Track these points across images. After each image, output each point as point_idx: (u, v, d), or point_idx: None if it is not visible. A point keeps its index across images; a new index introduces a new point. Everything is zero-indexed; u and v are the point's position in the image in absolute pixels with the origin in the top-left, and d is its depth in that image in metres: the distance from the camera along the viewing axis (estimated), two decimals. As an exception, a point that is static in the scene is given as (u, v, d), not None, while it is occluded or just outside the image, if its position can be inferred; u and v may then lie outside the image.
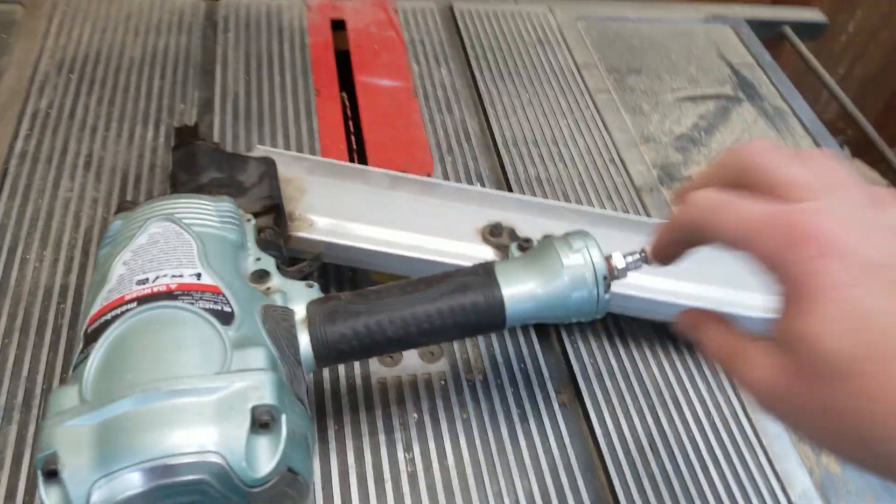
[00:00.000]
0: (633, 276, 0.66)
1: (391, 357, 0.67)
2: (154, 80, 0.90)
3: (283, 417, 0.44)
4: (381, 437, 0.62)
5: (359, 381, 0.65)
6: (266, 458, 0.42)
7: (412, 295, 0.55)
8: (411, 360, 0.67)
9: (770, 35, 1.12)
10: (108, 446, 0.40)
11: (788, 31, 1.13)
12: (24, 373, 0.61)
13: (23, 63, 0.89)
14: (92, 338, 0.47)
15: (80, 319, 0.51)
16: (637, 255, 0.58)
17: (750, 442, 0.66)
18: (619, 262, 0.57)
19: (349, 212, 0.67)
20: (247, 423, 0.42)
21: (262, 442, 0.43)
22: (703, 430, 0.66)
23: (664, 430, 0.65)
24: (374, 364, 0.67)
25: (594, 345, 0.71)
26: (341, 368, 0.66)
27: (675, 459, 0.64)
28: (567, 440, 0.64)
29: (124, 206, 0.59)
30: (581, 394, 0.67)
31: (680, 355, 0.71)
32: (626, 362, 0.70)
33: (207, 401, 0.42)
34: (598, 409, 0.66)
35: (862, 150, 1.19)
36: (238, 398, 0.43)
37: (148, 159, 0.80)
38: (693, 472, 0.63)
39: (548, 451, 0.63)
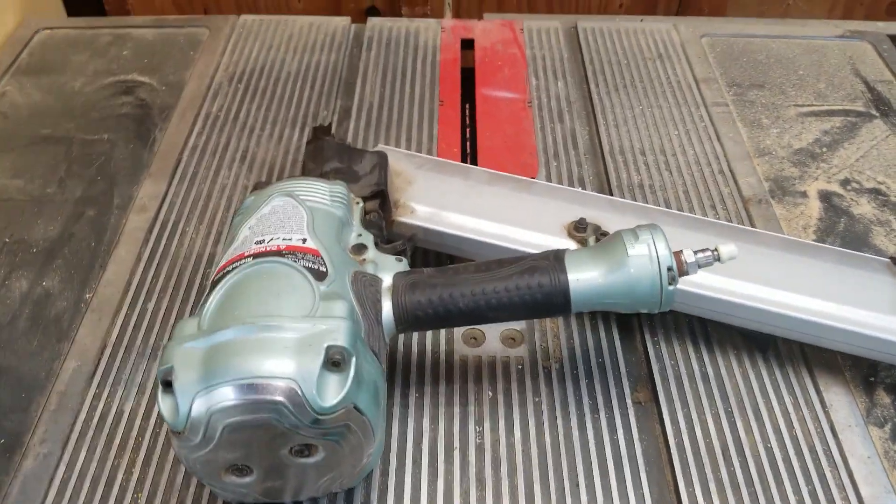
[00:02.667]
0: (722, 279, 0.67)
1: (474, 339, 0.73)
2: (305, 90, 1.03)
3: (353, 360, 0.51)
4: (456, 409, 0.67)
5: (443, 356, 0.71)
6: (334, 391, 0.50)
7: (485, 273, 0.60)
8: (493, 343, 0.72)
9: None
10: (210, 366, 0.49)
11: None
12: (171, 320, 0.74)
13: (202, 75, 1.06)
14: (215, 284, 0.57)
15: (212, 271, 0.61)
16: (709, 252, 0.59)
17: (834, 461, 0.63)
18: (688, 256, 0.59)
19: (448, 203, 0.74)
20: (320, 359, 0.49)
21: (333, 378, 0.50)
22: (783, 443, 0.64)
23: (740, 439, 0.65)
24: (459, 343, 0.72)
25: (678, 348, 0.71)
26: (428, 344, 0.72)
27: (748, 469, 0.63)
28: (636, 436, 0.65)
29: (259, 186, 0.70)
30: (657, 394, 0.68)
31: (767, 365, 0.70)
32: (708, 367, 0.70)
33: (291, 337, 0.50)
34: (673, 410, 0.67)
35: None
36: (317, 337, 0.50)
37: (292, 155, 0.92)
38: (765, 483, 0.62)
39: (615, 443, 0.65)
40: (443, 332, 0.73)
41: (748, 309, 0.67)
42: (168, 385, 0.50)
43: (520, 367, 0.70)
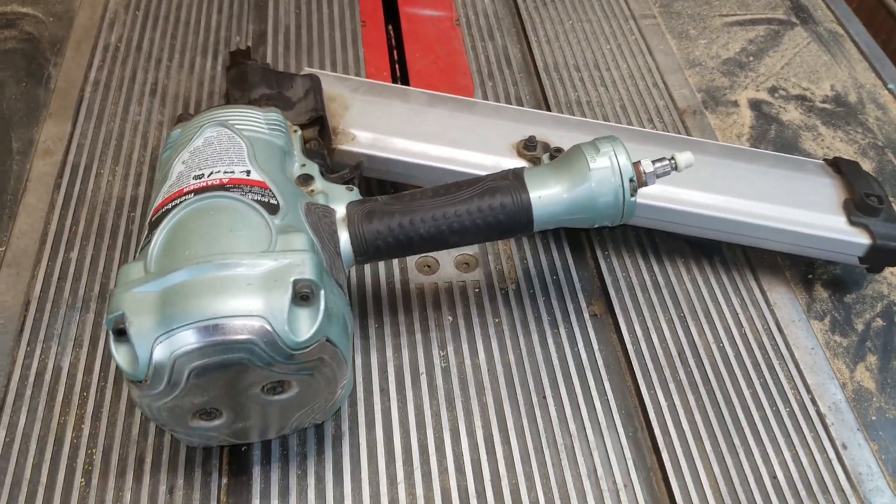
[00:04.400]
0: (668, 189, 0.68)
1: (428, 266, 0.71)
2: (212, 14, 0.95)
3: (322, 293, 0.48)
4: (418, 336, 0.66)
5: (398, 286, 0.69)
6: (306, 325, 0.47)
7: (444, 197, 0.59)
8: (447, 269, 0.71)
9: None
10: (167, 309, 0.46)
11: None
12: (100, 270, 0.68)
13: (93, 3, 0.95)
14: (155, 224, 0.53)
15: (142, 214, 0.56)
16: (666, 162, 0.59)
17: (781, 354, 0.67)
18: (647, 166, 0.59)
19: (389, 127, 0.71)
20: (288, 294, 0.47)
21: (303, 312, 0.47)
22: (734, 342, 0.67)
23: (694, 342, 0.67)
24: (413, 272, 0.71)
25: (628, 260, 0.73)
26: (382, 274, 0.70)
27: (704, 368, 0.66)
28: (596, 346, 0.67)
29: (183, 117, 0.65)
30: (612, 306, 0.69)
31: (714, 271, 0.72)
32: (659, 277, 0.72)
33: (254, 273, 0.47)
34: (629, 320, 0.68)
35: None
36: (281, 272, 0.48)
37: (207, 87, 0.85)
38: (721, 380, 0.65)
39: (576, 355, 0.66)
40: (396, 261, 0.71)
41: (694, 216, 0.69)
42: (121, 333, 0.46)
43: (476, 290, 0.70)
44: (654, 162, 0.59)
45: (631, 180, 0.57)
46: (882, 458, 0.61)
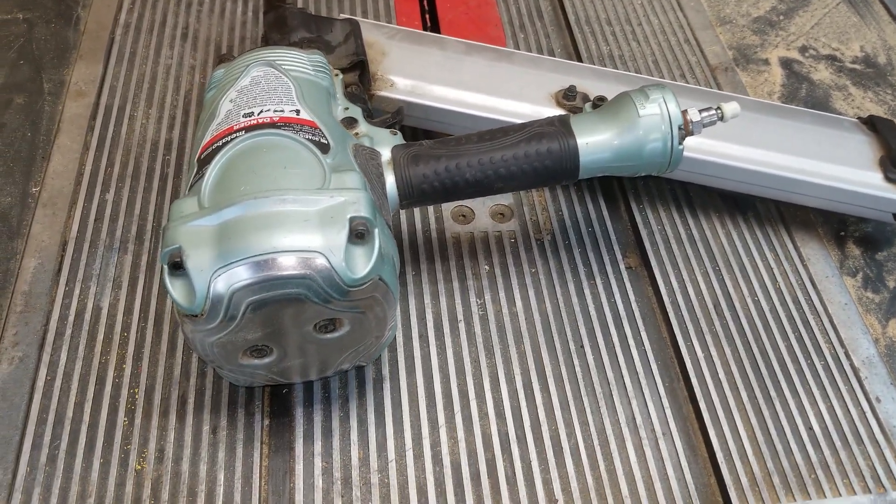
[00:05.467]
0: (705, 142, 0.68)
1: (464, 216, 0.71)
2: (240, -40, 0.93)
3: (376, 231, 0.48)
4: (455, 284, 0.66)
5: (434, 235, 0.69)
6: (362, 262, 0.47)
7: (489, 142, 0.58)
8: (483, 219, 0.71)
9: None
10: (225, 243, 0.46)
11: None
12: (137, 211, 0.68)
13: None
14: (205, 161, 0.52)
15: (191, 152, 0.56)
16: (713, 111, 0.59)
17: (815, 309, 0.67)
18: (694, 115, 0.58)
19: (427, 74, 0.70)
20: (345, 231, 0.47)
21: (359, 250, 0.47)
22: (769, 296, 0.68)
23: (729, 295, 0.68)
24: (449, 221, 0.71)
25: (662, 213, 0.73)
26: (419, 221, 0.70)
27: (740, 321, 0.66)
28: (632, 298, 0.67)
29: (224, 58, 0.64)
30: (648, 258, 0.69)
31: (749, 226, 0.72)
32: (693, 231, 0.72)
33: (311, 210, 0.47)
34: (665, 273, 0.69)
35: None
36: (338, 210, 0.47)
37: (238, 32, 0.84)
38: (757, 333, 0.65)
39: (613, 306, 0.66)
40: (432, 210, 0.71)
41: (731, 169, 0.69)
42: (177, 267, 0.46)
43: (512, 240, 0.70)
44: (700, 111, 0.59)
45: (679, 128, 0.57)
46: (914, 411, 0.62)
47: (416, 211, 0.71)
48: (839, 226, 0.74)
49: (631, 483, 0.57)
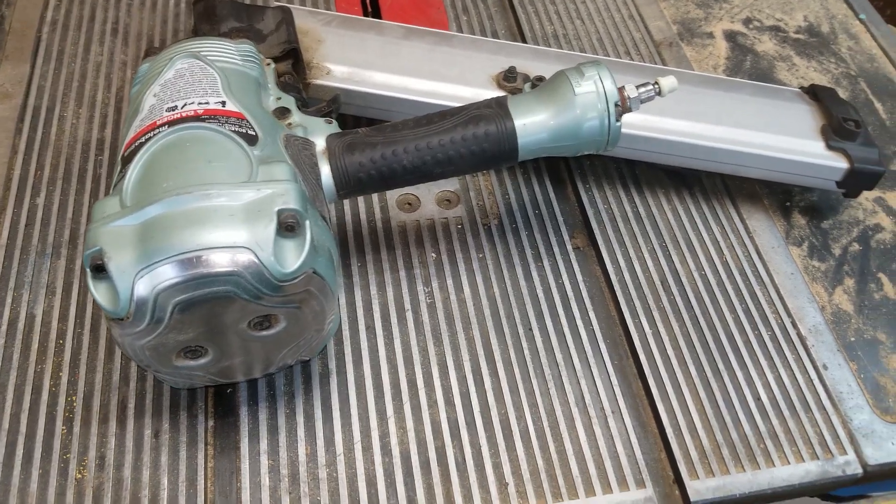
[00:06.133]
0: (649, 118, 0.67)
1: (409, 204, 0.70)
2: (173, -49, 0.90)
3: (307, 223, 0.47)
4: (402, 273, 0.65)
5: (379, 224, 0.68)
6: (293, 256, 0.46)
7: (426, 126, 0.57)
8: (429, 206, 0.70)
9: None
10: (148, 243, 0.44)
11: None
12: (69, 215, 0.66)
13: (45, -62, 0.90)
14: (128, 159, 0.50)
15: (117, 150, 0.54)
16: (650, 86, 0.59)
17: (762, 279, 0.68)
18: (631, 91, 0.58)
19: (365, 61, 0.69)
20: (273, 225, 0.45)
21: (289, 243, 0.46)
22: (716, 269, 0.68)
23: (676, 270, 0.68)
24: (394, 210, 0.69)
25: (609, 192, 0.72)
26: (363, 211, 0.69)
27: (687, 296, 0.66)
28: (580, 278, 0.67)
29: (151, 51, 0.62)
30: (595, 238, 0.69)
31: (695, 201, 0.72)
32: (640, 208, 0.72)
33: (237, 205, 0.46)
34: (612, 251, 0.68)
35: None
36: (265, 203, 0.46)
37: (171, 24, 0.81)
38: (704, 307, 0.65)
39: (560, 287, 0.66)
40: (376, 199, 0.70)
41: (675, 144, 0.68)
42: (99, 269, 0.44)
43: (459, 226, 0.69)
44: (638, 87, 0.58)
45: (616, 105, 0.57)
46: (861, 377, 0.63)
47: (360, 200, 0.70)
48: (784, 196, 0.74)
49: (581, 462, 0.56)
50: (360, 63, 0.68)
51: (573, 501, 0.55)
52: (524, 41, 0.82)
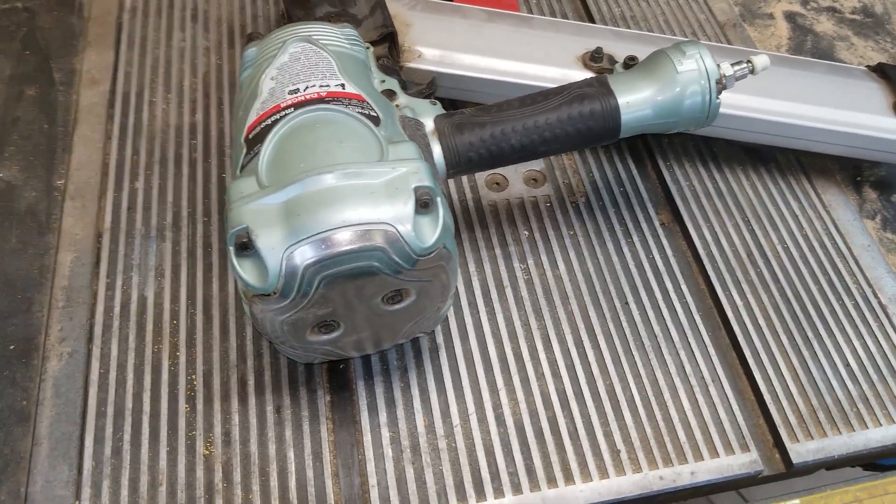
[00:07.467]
0: (729, 96, 0.69)
1: (497, 184, 0.72)
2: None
3: (439, 200, 0.48)
4: (497, 251, 0.67)
5: (471, 203, 0.70)
6: (430, 231, 0.47)
7: (531, 106, 0.59)
8: (517, 185, 0.72)
9: None
10: (294, 220, 0.45)
11: None
12: (169, 199, 0.67)
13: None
14: (255, 141, 0.52)
15: (232, 133, 0.55)
16: (744, 64, 0.60)
17: (841, 252, 0.70)
18: (727, 69, 0.59)
19: (454, 44, 0.70)
20: (412, 202, 0.47)
21: (425, 219, 0.48)
22: (798, 243, 0.70)
23: (760, 244, 0.69)
24: (484, 189, 0.71)
25: (689, 169, 0.74)
26: (454, 192, 0.70)
27: (773, 268, 0.68)
28: (669, 253, 0.68)
29: (254, 36, 0.63)
30: (679, 214, 0.71)
31: (771, 176, 0.74)
32: (720, 184, 0.73)
33: (376, 183, 0.47)
34: (698, 227, 0.70)
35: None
36: (402, 181, 0.47)
37: (249, 10, 0.82)
38: (790, 278, 0.67)
39: (651, 262, 0.68)
40: (465, 179, 0.71)
41: (754, 121, 0.70)
42: (245, 247, 0.46)
43: (548, 204, 0.71)
44: (732, 65, 0.60)
45: (717, 82, 0.58)
46: (944, 343, 0.65)
47: (451, 181, 0.71)
48: (854, 171, 0.76)
49: (687, 429, 0.58)
50: (450, 46, 0.69)
51: (682, 466, 0.57)
52: (593, 23, 0.84)
